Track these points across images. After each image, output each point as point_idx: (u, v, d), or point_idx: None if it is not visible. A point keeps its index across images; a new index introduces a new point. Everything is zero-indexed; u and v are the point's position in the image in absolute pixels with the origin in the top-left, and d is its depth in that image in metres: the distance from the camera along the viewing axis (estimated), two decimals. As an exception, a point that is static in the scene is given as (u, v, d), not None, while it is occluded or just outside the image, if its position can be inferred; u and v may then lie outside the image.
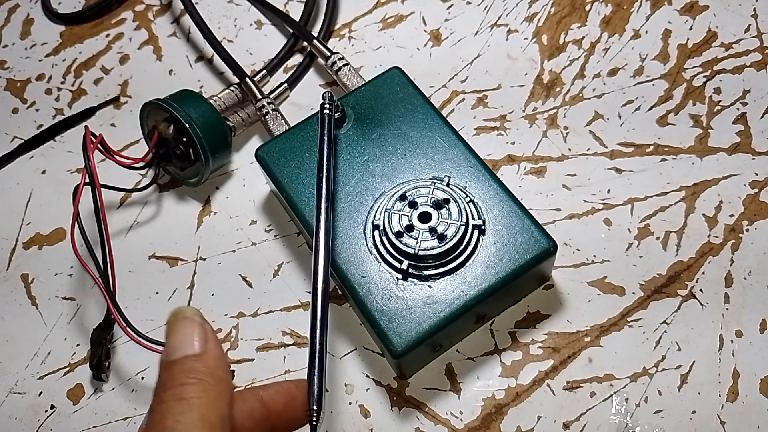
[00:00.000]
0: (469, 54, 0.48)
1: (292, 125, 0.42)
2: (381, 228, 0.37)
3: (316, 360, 0.30)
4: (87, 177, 0.39)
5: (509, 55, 0.48)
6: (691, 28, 0.47)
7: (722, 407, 0.36)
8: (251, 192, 0.45)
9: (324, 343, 0.31)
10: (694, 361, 0.37)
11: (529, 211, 0.37)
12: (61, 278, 0.44)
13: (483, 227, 0.37)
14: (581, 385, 0.37)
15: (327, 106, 0.39)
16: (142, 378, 0.41)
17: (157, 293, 0.43)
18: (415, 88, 0.42)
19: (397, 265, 0.36)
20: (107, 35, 0.53)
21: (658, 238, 0.41)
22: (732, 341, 0.38)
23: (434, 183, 0.38)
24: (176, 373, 0.25)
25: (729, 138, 0.43)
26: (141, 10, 0.54)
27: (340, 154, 0.40)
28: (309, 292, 0.41)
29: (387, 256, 0.37)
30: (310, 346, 0.31)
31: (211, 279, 0.43)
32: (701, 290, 0.39)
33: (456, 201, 0.37)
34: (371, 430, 0.38)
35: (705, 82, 0.45)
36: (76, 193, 0.39)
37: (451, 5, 0.51)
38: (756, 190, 0.41)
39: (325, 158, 0.37)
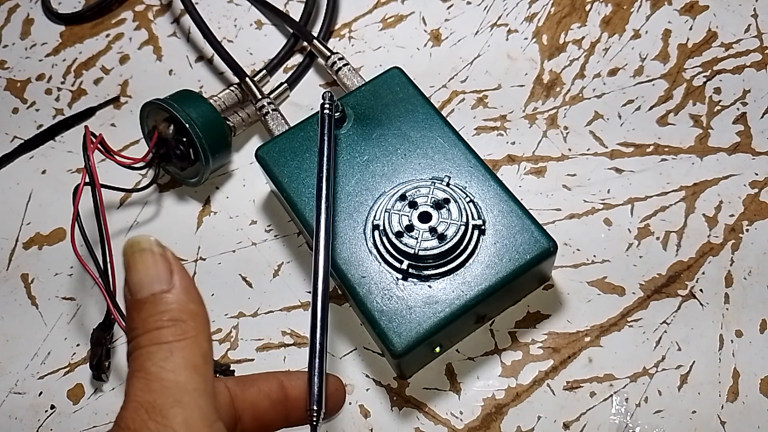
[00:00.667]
0: (469, 54, 0.48)
1: (292, 125, 0.42)
2: (381, 228, 0.37)
3: (316, 360, 0.30)
4: (87, 177, 0.39)
5: (509, 55, 0.48)
6: (691, 28, 0.47)
7: (722, 407, 0.36)
8: (251, 192, 0.45)
9: (324, 343, 0.31)
10: (694, 361, 0.37)
11: (529, 211, 0.37)
12: (61, 278, 0.44)
13: (483, 227, 0.37)
14: (581, 385, 0.37)
15: (327, 106, 0.39)
16: (142, 378, 0.40)
17: (157, 293, 0.43)
18: (415, 88, 0.42)
19: (397, 265, 0.36)
20: (107, 35, 0.53)
21: (658, 238, 0.41)
22: (732, 341, 0.38)
23: (434, 183, 0.38)
24: (148, 315, 0.24)
25: (729, 138, 0.43)
26: (141, 10, 0.54)
27: (340, 154, 0.40)
28: (309, 292, 0.41)
29: (387, 256, 0.37)
30: (311, 346, 0.31)
31: (211, 279, 0.43)
32: (701, 290, 0.39)
33: (456, 201, 0.37)
34: (371, 430, 0.38)
35: (705, 82, 0.45)
36: (76, 193, 0.39)
37: (451, 5, 0.51)
38: (756, 190, 0.41)
39: (325, 158, 0.37)
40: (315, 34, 0.49)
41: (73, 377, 0.41)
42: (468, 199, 0.37)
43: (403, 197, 0.37)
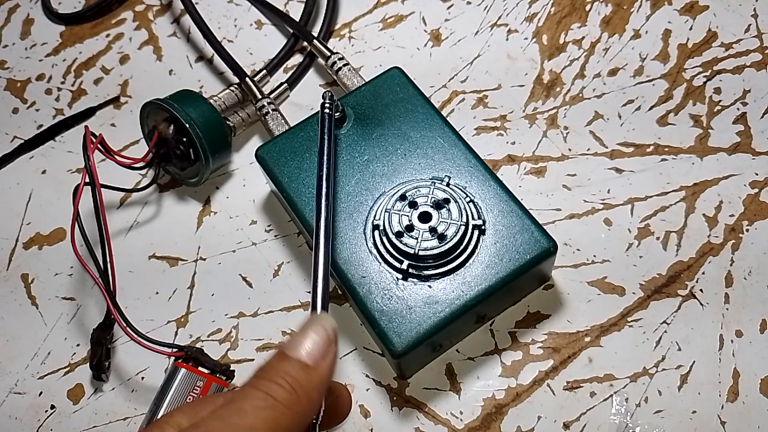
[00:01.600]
0: (469, 54, 0.48)
1: (292, 125, 0.42)
2: (381, 228, 0.37)
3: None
4: (87, 177, 0.39)
5: (509, 55, 0.48)
6: (691, 28, 0.47)
7: (722, 407, 0.36)
8: (251, 192, 0.45)
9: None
10: (694, 361, 0.37)
11: (529, 211, 0.37)
12: (61, 278, 0.44)
13: (483, 227, 0.37)
14: (581, 385, 0.37)
15: (327, 106, 0.39)
16: (142, 378, 0.41)
17: (157, 293, 0.43)
18: (415, 88, 0.42)
19: (397, 265, 0.36)
20: (107, 35, 0.53)
21: (658, 238, 0.41)
22: (732, 341, 0.38)
23: (434, 183, 0.38)
24: (281, 370, 0.26)
25: (729, 138, 0.43)
26: (141, 10, 0.54)
27: (340, 154, 0.40)
28: (309, 292, 0.41)
29: (387, 256, 0.37)
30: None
31: (211, 279, 0.43)
32: (701, 290, 0.39)
33: (456, 201, 0.37)
34: (371, 430, 0.38)
35: (705, 82, 0.45)
36: (76, 193, 0.39)
37: (451, 5, 0.51)
38: (756, 190, 0.41)
39: (325, 158, 0.37)
40: (315, 34, 0.49)
41: (73, 377, 0.41)
42: (468, 199, 0.37)
43: (403, 197, 0.37)
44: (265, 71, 0.48)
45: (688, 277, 0.39)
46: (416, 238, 0.36)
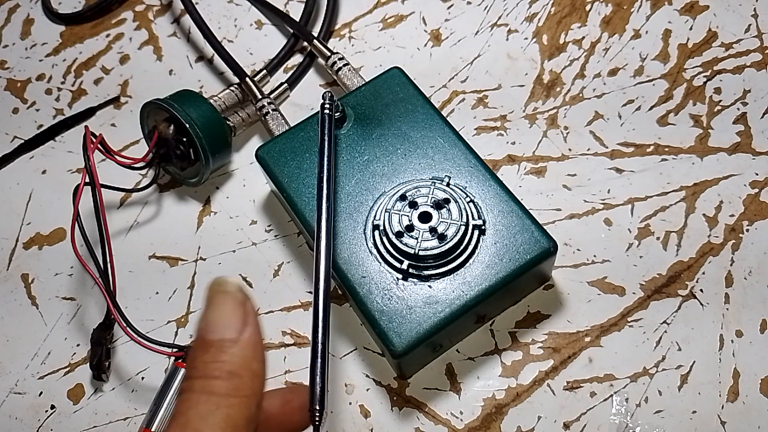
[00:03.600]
0: (469, 54, 0.48)
1: (292, 125, 0.42)
2: (381, 228, 0.37)
3: (318, 360, 0.30)
4: (87, 177, 0.39)
5: (509, 55, 0.48)
6: (691, 28, 0.47)
7: (722, 407, 0.36)
8: (251, 192, 0.45)
9: (326, 343, 0.31)
10: (694, 361, 0.37)
11: (529, 211, 0.37)
12: (61, 278, 0.44)
13: (483, 227, 0.37)
14: (581, 385, 0.37)
15: (327, 106, 0.39)
16: (143, 378, 0.41)
17: (157, 293, 0.43)
18: (415, 88, 0.42)
19: (398, 265, 0.36)
20: (107, 35, 0.53)
21: (658, 238, 0.41)
22: (732, 341, 0.38)
23: (434, 183, 0.38)
24: (210, 360, 0.23)
25: (729, 138, 0.43)
26: (141, 10, 0.54)
27: (340, 154, 0.40)
28: (309, 292, 0.41)
29: (387, 256, 0.37)
30: (312, 346, 0.31)
31: (211, 279, 0.43)
32: (701, 290, 0.39)
33: (456, 201, 0.37)
34: (371, 430, 0.38)
35: (705, 82, 0.45)
36: (76, 193, 0.39)
37: (451, 5, 0.51)
38: (756, 190, 0.41)
39: (325, 158, 0.37)
40: (315, 34, 0.49)
41: (73, 377, 0.41)
42: (468, 199, 0.37)
43: (403, 197, 0.37)
44: (265, 71, 0.48)
45: (688, 277, 0.39)
46: (416, 238, 0.36)
